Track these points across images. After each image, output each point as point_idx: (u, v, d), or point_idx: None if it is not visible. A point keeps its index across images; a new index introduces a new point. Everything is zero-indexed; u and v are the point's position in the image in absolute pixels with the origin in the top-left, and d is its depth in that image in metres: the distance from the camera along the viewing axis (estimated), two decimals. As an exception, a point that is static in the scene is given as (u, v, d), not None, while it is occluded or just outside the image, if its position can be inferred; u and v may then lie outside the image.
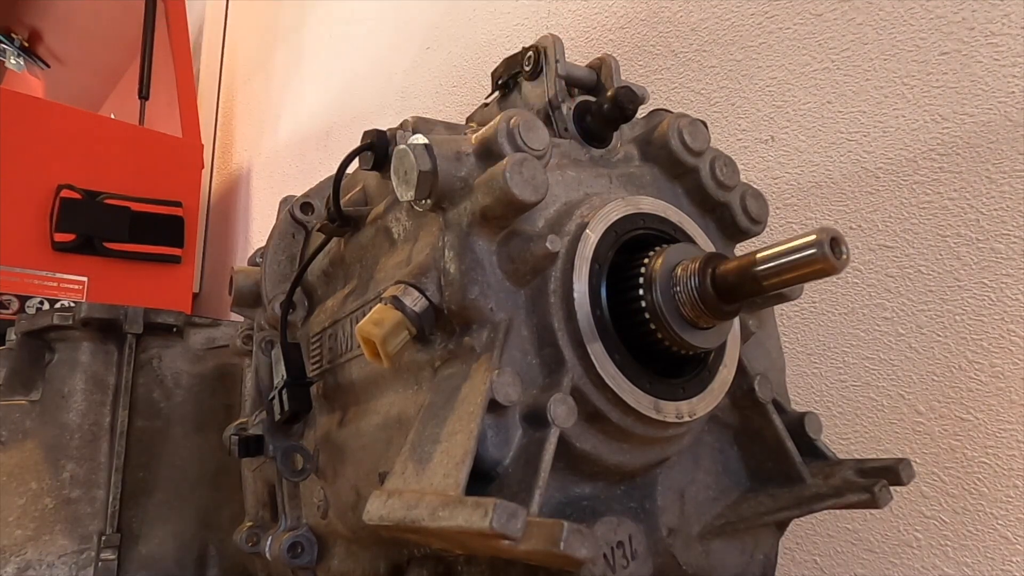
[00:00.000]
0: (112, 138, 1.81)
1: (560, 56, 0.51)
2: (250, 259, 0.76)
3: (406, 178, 0.39)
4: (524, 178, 0.37)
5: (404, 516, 0.33)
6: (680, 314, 0.39)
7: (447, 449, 0.35)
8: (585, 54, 0.62)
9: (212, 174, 2.30)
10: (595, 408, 0.40)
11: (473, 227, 0.39)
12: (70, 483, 0.79)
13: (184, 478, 0.85)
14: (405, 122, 0.51)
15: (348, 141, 1.54)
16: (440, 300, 0.40)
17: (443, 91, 1.29)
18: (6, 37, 2.64)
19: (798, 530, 0.68)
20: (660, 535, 0.44)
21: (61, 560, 0.77)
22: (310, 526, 0.62)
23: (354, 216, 0.55)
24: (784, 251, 0.34)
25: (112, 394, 0.83)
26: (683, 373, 0.43)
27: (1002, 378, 0.58)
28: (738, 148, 0.78)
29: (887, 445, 0.64)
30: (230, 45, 2.41)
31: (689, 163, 0.50)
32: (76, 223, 1.66)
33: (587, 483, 0.43)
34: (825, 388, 0.68)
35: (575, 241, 0.41)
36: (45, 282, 1.63)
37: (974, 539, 0.58)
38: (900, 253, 0.65)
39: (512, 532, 0.28)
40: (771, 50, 0.77)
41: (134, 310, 0.84)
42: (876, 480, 0.44)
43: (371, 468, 0.49)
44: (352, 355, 0.53)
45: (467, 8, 1.26)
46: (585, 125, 0.50)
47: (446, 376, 0.40)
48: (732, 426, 0.50)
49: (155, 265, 1.78)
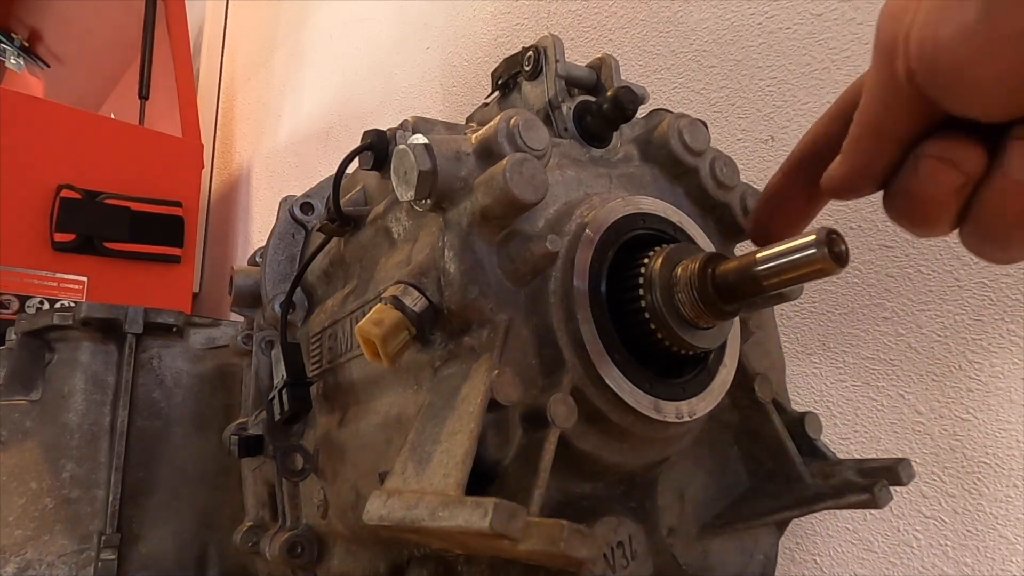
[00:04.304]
0: (112, 138, 1.81)
1: (560, 56, 0.51)
2: (250, 259, 0.76)
3: (406, 178, 0.40)
4: (524, 178, 0.37)
5: (404, 516, 0.33)
6: (680, 314, 0.39)
7: (447, 449, 0.35)
8: (585, 54, 0.62)
9: (212, 174, 2.30)
10: (595, 408, 0.40)
11: (473, 227, 0.39)
12: (70, 483, 0.79)
13: (184, 478, 0.85)
14: (405, 122, 0.51)
15: (348, 141, 1.54)
16: (440, 300, 0.40)
17: (443, 91, 1.29)
18: (6, 37, 2.64)
19: (798, 530, 0.68)
20: (660, 535, 0.44)
21: (61, 560, 0.77)
22: (310, 526, 0.62)
23: (354, 216, 0.55)
24: (784, 251, 0.34)
25: (112, 394, 0.83)
26: (683, 373, 0.43)
27: (1002, 378, 0.58)
28: (738, 148, 0.78)
29: (887, 445, 0.64)
30: (230, 45, 2.41)
31: (689, 163, 0.50)
32: (76, 223, 1.66)
33: (587, 483, 0.43)
34: (825, 388, 0.68)
35: (575, 241, 0.41)
36: (45, 282, 1.63)
37: (974, 539, 0.58)
38: (900, 253, 0.65)
39: (512, 532, 0.28)
40: (771, 50, 0.77)
41: (134, 310, 0.84)
42: (876, 480, 0.44)
43: (371, 468, 0.49)
44: (352, 355, 0.53)
45: (467, 8, 1.26)
46: (585, 125, 0.50)
47: (446, 376, 0.40)
48: (732, 426, 0.50)
49: (155, 265, 1.78)
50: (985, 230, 0.29)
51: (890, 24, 0.28)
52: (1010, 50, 0.24)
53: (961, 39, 0.25)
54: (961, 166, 0.28)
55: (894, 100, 0.29)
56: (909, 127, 0.29)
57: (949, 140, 0.28)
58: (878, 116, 0.30)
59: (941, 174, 0.28)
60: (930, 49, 0.26)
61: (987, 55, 0.25)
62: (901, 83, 0.28)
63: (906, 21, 0.27)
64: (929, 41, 0.26)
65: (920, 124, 0.29)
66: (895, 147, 0.30)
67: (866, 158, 0.31)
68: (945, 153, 0.28)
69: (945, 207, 0.29)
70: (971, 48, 0.25)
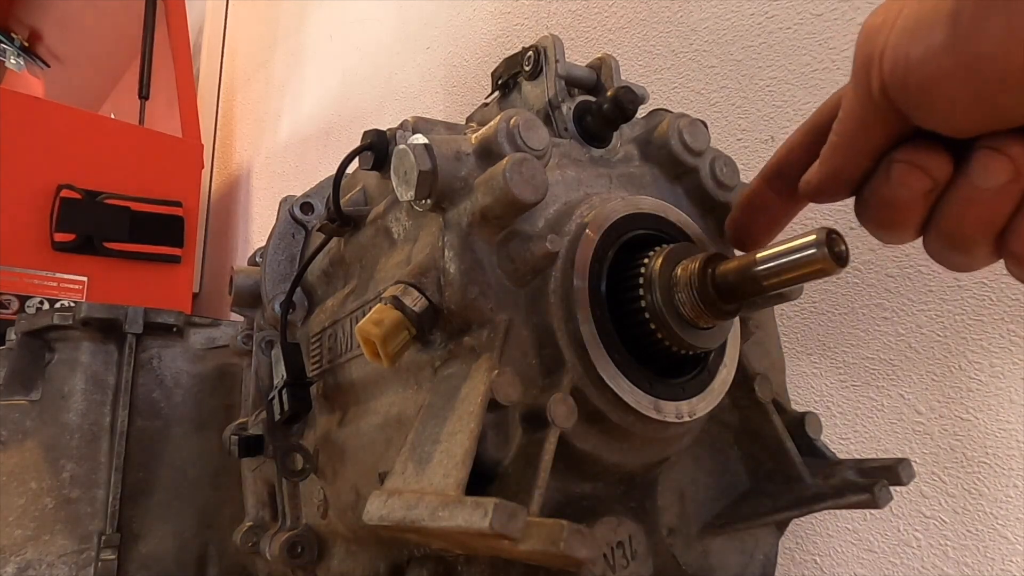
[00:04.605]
0: (112, 138, 1.81)
1: (560, 56, 0.51)
2: (250, 259, 0.76)
3: (406, 178, 0.40)
4: (524, 178, 0.37)
5: (404, 516, 0.33)
6: (680, 314, 0.39)
7: (447, 449, 0.35)
8: (585, 54, 0.62)
9: (212, 174, 2.30)
10: (595, 408, 0.40)
11: (473, 227, 0.39)
12: (70, 483, 0.79)
13: (184, 478, 0.85)
14: (405, 122, 0.51)
15: (348, 141, 1.54)
16: (440, 300, 0.40)
17: (443, 91, 1.29)
18: (6, 37, 2.64)
19: (798, 530, 0.68)
20: (660, 535, 0.44)
21: (61, 560, 0.77)
22: (310, 526, 0.62)
23: (354, 216, 0.55)
24: (784, 251, 0.34)
25: (112, 394, 0.83)
26: (683, 373, 0.43)
27: (1002, 378, 0.58)
28: (738, 148, 0.78)
29: (887, 445, 0.64)
30: (230, 45, 2.41)
31: (689, 163, 0.50)
32: (76, 223, 1.66)
33: (587, 483, 0.43)
34: (825, 388, 0.68)
35: (575, 241, 0.41)
36: (45, 282, 1.63)
37: (974, 539, 0.58)
38: (900, 253, 0.65)
39: (512, 532, 0.28)
40: (771, 50, 0.77)
41: (134, 310, 0.84)
42: (876, 480, 0.44)
43: (371, 468, 0.49)
44: (352, 355, 0.53)
45: (467, 8, 1.26)
46: (585, 125, 0.50)
47: (446, 376, 0.40)
48: (732, 426, 0.50)
49: (155, 265, 1.78)
50: (948, 236, 0.31)
51: (866, 42, 0.30)
52: (975, 72, 0.26)
53: (930, 59, 0.27)
54: (930, 171, 0.30)
55: (869, 113, 0.31)
56: (882, 138, 0.31)
57: (919, 147, 0.30)
58: (854, 127, 0.32)
59: (911, 177, 0.30)
60: (901, 67, 0.28)
61: (953, 76, 0.26)
62: (876, 97, 0.30)
63: (880, 39, 0.29)
64: (901, 59, 0.28)
65: (893, 136, 0.31)
66: (869, 156, 0.32)
67: (842, 165, 0.33)
68: (915, 159, 0.30)
69: (913, 211, 0.31)
70: (939, 68, 0.27)
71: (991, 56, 0.25)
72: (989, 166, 0.28)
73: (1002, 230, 0.30)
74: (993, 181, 0.28)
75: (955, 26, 0.26)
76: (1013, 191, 0.29)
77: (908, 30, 0.27)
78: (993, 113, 0.27)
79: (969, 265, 0.32)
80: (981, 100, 0.27)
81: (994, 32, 0.25)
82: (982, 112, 0.27)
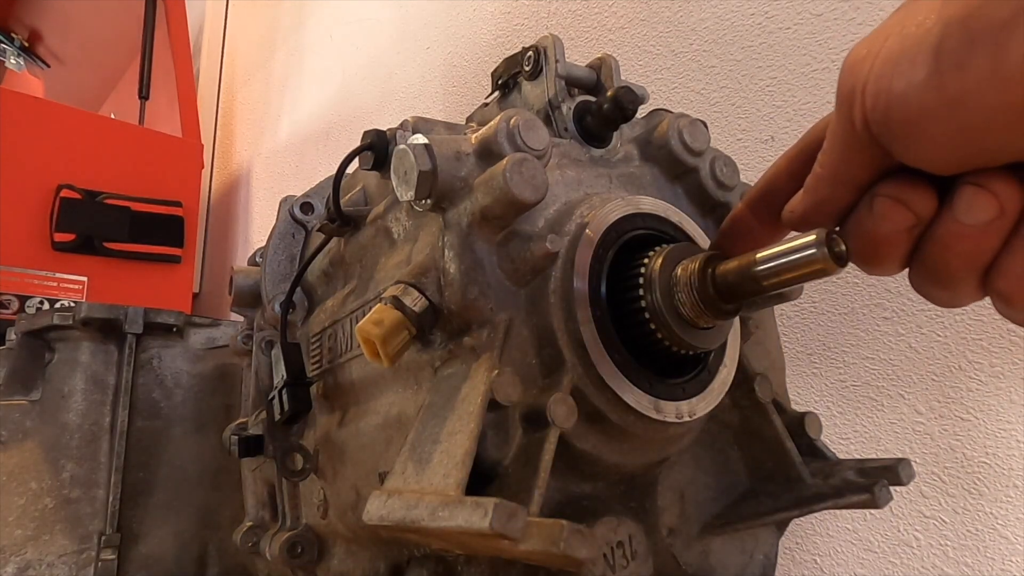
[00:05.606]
0: (112, 138, 1.81)
1: (560, 56, 0.51)
2: (250, 259, 0.76)
3: (406, 178, 0.40)
4: (524, 178, 0.37)
5: (404, 516, 0.33)
6: (680, 314, 0.39)
7: (447, 449, 0.35)
8: (585, 54, 0.62)
9: (212, 174, 2.30)
10: (595, 408, 0.40)
11: (473, 227, 0.39)
12: (70, 483, 0.79)
13: (184, 478, 0.85)
14: (405, 122, 0.51)
15: (348, 141, 1.54)
16: (440, 300, 0.40)
17: (443, 91, 1.29)
18: (6, 37, 2.64)
19: (798, 530, 0.68)
20: (660, 535, 0.44)
21: (61, 560, 0.77)
22: (310, 526, 0.62)
23: (354, 216, 0.55)
24: (784, 251, 0.34)
25: (112, 394, 0.83)
26: (683, 373, 0.43)
27: (1002, 378, 0.58)
28: (738, 148, 0.78)
29: (887, 445, 0.64)
30: (230, 45, 2.41)
31: (689, 163, 0.50)
32: (76, 223, 1.66)
33: (587, 483, 0.43)
34: (825, 388, 0.68)
35: (575, 241, 0.41)
36: (45, 282, 1.63)
37: (974, 539, 0.58)
38: (900, 253, 0.65)
39: (512, 532, 0.28)
40: (771, 50, 0.77)
41: (134, 310, 0.84)
42: (876, 480, 0.44)
43: (371, 468, 0.49)
44: (352, 355, 0.53)
45: (467, 8, 1.26)
46: (585, 125, 0.50)
47: (446, 376, 0.40)
48: (732, 426, 0.50)
49: (155, 265, 1.78)
50: (932, 271, 0.30)
51: (850, 74, 0.29)
52: (959, 109, 0.25)
53: (912, 95, 0.26)
54: (913, 207, 0.29)
55: (852, 147, 0.30)
56: (866, 171, 0.31)
57: (903, 182, 0.30)
58: (837, 160, 0.31)
59: (894, 212, 0.30)
60: (883, 101, 0.27)
61: (936, 113, 0.26)
62: (859, 131, 0.29)
63: (863, 72, 0.28)
64: (883, 94, 0.27)
65: (876, 170, 0.30)
66: (852, 189, 0.32)
67: (825, 196, 0.33)
68: (898, 194, 0.30)
69: (896, 245, 0.30)
70: (921, 104, 0.26)
71: (975, 93, 0.24)
72: (974, 203, 0.28)
73: (987, 267, 0.29)
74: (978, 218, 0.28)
75: (938, 61, 0.25)
76: (998, 228, 0.28)
77: (891, 63, 0.27)
78: (977, 152, 0.26)
79: (953, 301, 0.31)
80: (965, 138, 0.26)
81: (979, 68, 0.24)
82: (966, 150, 0.26)
